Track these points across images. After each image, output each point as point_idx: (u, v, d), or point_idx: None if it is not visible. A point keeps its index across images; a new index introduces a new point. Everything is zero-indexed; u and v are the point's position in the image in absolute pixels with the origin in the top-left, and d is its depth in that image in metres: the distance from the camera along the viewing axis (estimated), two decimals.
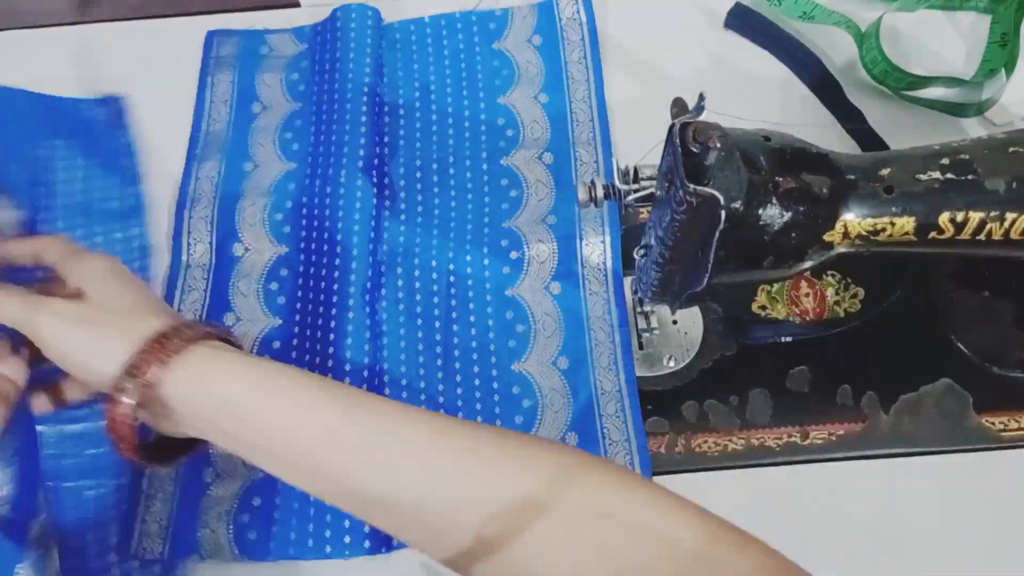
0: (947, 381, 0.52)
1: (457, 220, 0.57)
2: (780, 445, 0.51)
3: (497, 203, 0.57)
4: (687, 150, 0.36)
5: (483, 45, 0.62)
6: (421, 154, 0.59)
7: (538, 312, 0.54)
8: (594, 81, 0.60)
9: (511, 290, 0.54)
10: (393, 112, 0.60)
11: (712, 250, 0.38)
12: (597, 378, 0.52)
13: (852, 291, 0.55)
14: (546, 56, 0.61)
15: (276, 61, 0.62)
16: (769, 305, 0.55)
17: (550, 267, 0.55)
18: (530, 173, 0.58)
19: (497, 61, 0.61)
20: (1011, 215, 0.39)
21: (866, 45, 0.59)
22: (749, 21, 0.62)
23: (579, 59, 0.61)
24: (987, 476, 0.51)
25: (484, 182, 0.58)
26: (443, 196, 0.57)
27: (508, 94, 0.60)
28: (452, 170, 0.58)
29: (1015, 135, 0.41)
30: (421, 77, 0.61)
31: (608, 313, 0.54)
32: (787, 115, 0.60)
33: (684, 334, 0.54)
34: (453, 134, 0.59)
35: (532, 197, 0.57)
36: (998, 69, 0.60)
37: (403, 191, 0.58)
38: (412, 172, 0.58)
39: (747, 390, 0.52)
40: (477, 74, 0.61)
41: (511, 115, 0.60)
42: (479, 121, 0.60)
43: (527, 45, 0.62)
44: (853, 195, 0.40)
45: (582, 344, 0.53)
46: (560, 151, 0.58)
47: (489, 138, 0.59)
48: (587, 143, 0.58)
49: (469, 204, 0.57)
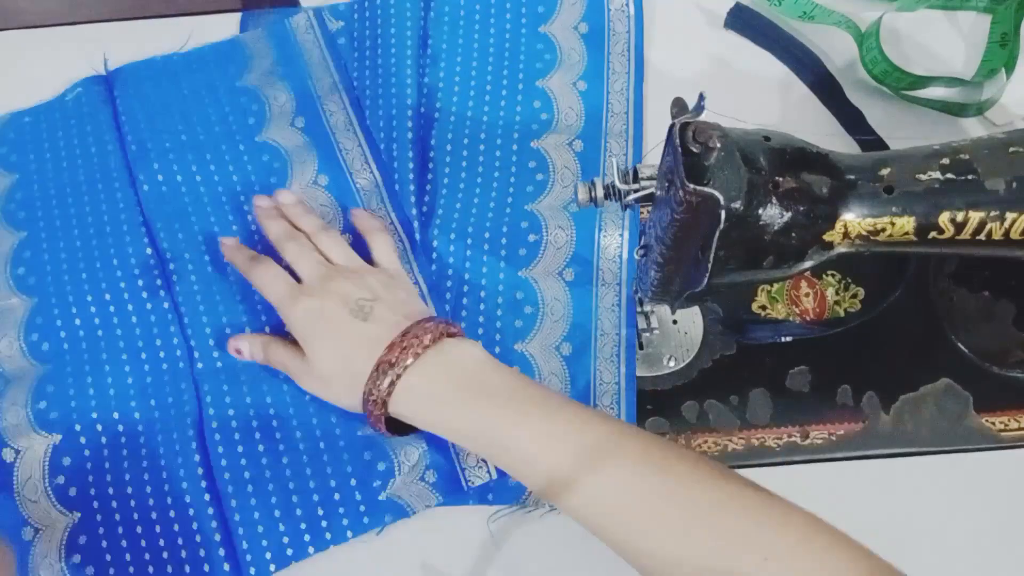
0: (947, 381, 0.52)
1: (481, 196, 0.57)
2: (780, 445, 0.51)
3: (522, 184, 0.57)
4: (687, 150, 0.36)
5: (530, 27, 0.62)
6: (455, 128, 0.59)
7: (548, 296, 0.54)
8: (634, 75, 0.61)
9: (524, 271, 0.54)
10: (432, 84, 0.60)
11: (712, 250, 0.38)
12: (597, 368, 0.52)
13: (852, 291, 0.55)
14: (590, 44, 0.62)
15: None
16: (769, 305, 0.55)
17: (566, 253, 0.55)
18: (559, 158, 0.58)
19: (541, 44, 0.61)
20: (1011, 215, 0.39)
21: (866, 45, 0.59)
22: (749, 21, 0.62)
23: (622, 51, 0.61)
24: (987, 476, 0.51)
25: (513, 162, 0.58)
26: (470, 172, 0.58)
27: (547, 78, 0.60)
28: (483, 147, 0.58)
29: (1015, 135, 0.41)
30: (464, 52, 0.61)
31: (617, 305, 0.54)
32: (787, 115, 0.60)
33: (684, 334, 0.54)
34: (489, 112, 0.59)
35: (558, 183, 0.57)
36: (998, 69, 0.60)
37: (432, 163, 0.58)
38: (443, 145, 0.58)
39: (747, 390, 0.52)
40: (520, 55, 0.61)
41: (547, 99, 0.60)
42: (515, 101, 0.60)
43: (573, 32, 0.62)
44: (853, 195, 0.40)
45: (587, 333, 0.53)
46: (591, 140, 0.58)
47: (523, 119, 0.59)
48: (619, 135, 0.59)
49: (495, 182, 0.57)
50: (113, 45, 0.63)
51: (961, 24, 0.63)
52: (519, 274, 0.54)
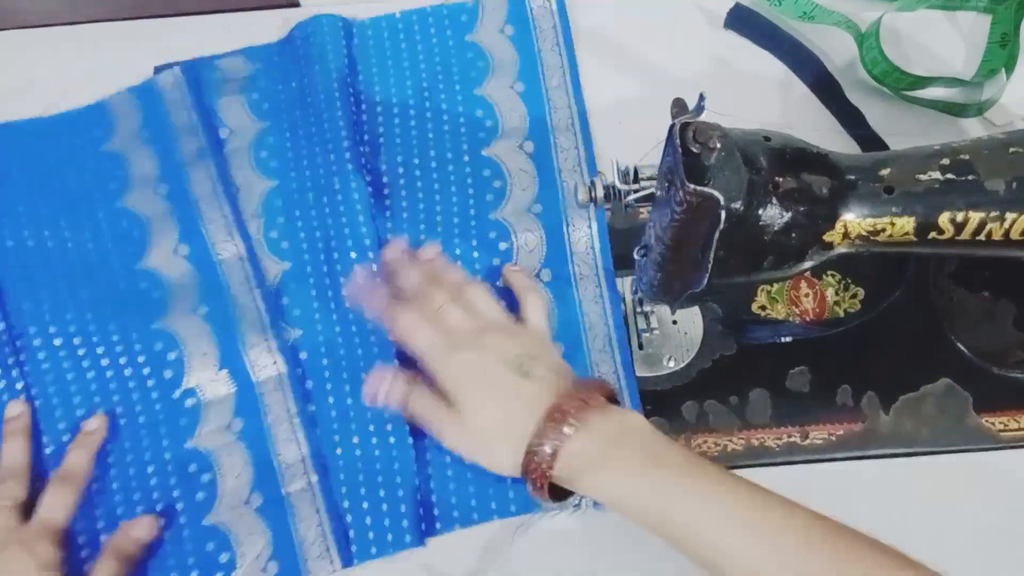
0: (947, 381, 0.52)
1: (443, 215, 0.57)
2: (780, 445, 0.51)
3: (481, 195, 0.57)
4: (687, 150, 0.36)
5: (456, 38, 0.62)
6: (402, 151, 0.59)
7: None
8: (568, 68, 0.61)
9: (501, 281, 0.54)
10: (371, 110, 0.60)
11: (712, 250, 0.38)
12: (593, 360, 0.53)
13: (852, 291, 0.55)
14: (519, 45, 0.62)
15: (232, 85, 0.61)
16: (769, 305, 0.55)
17: (539, 255, 0.55)
18: (512, 163, 0.58)
19: (471, 53, 0.61)
20: (1011, 215, 0.39)
21: (866, 45, 0.59)
22: (749, 21, 0.62)
23: (552, 47, 0.61)
24: (987, 476, 0.51)
25: (467, 174, 0.58)
26: (427, 191, 0.57)
27: (484, 85, 0.60)
28: (434, 164, 0.58)
29: (1015, 135, 0.41)
30: (396, 73, 0.61)
31: (600, 296, 0.54)
32: (787, 115, 0.60)
33: (684, 334, 0.54)
34: (432, 128, 0.59)
35: (516, 187, 0.57)
36: (998, 69, 0.60)
37: (387, 188, 0.58)
38: (394, 169, 0.58)
39: (747, 390, 0.52)
40: (452, 67, 0.61)
41: (488, 106, 0.60)
42: (457, 114, 0.60)
43: (500, 35, 0.62)
44: (853, 195, 0.40)
45: (576, 328, 0.53)
46: (540, 139, 0.59)
47: (468, 130, 0.59)
48: (566, 129, 0.59)
49: (454, 198, 0.57)
50: (113, 45, 0.63)
51: (961, 24, 0.63)
52: (497, 284, 0.54)
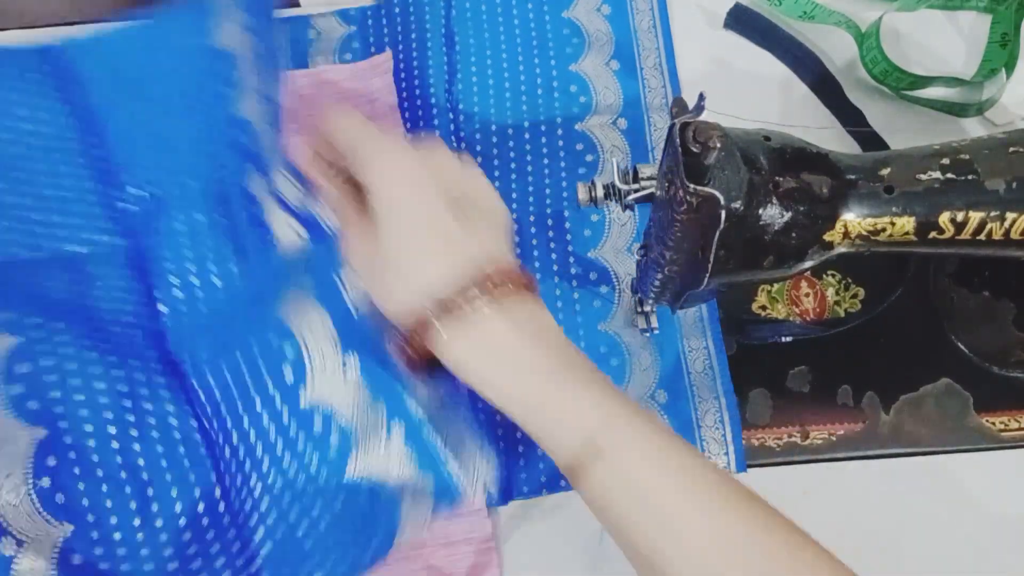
0: (947, 381, 0.52)
1: (535, 184, 0.58)
2: (780, 445, 0.51)
3: (573, 168, 0.58)
4: (687, 150, 0.36)
5: (553, 14, 0.63)
6: (496, 121, 0.59)
7: (621, 272, 0.55)
8: (664, 49, 0.61)
9: (594, 252, 0.55)
10: (466, 81, 0.61)
11: (712, 250, 0.38)
12: (683, 335, 0.53)
13: (852, 291, 0.55)
14: (615, 24, 0.62)
15: (326, 44, 0.62)
16: (769, 305, 0.55)
17: (631, 229, 0.56)
18: (605, 139, 0.59)
19: (567, 29, 0.62)
20: (1011, 215, 0.39)
21: (866, 45, 0.59)
22: (749, 21, 0.62)
23: (648, 28, 0.62)
24: (987, 476, 0.51)
25: (559, 147, 0.59)
26: (519, 162, 0.58)
27: (579, 62, 0.61)
28: (527, 135, 0.59)
29: (1015, 135, 0.41)
30: (492, 46, 0.62)
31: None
32: (787, 115, 0.60)
33: None
34: (527, 101, 0.60)
35: (608, 163, 0.58)
36: (998, 69, 0.60)
37: (479, 158, 0.58)
38: (488, 138, 0.59)
39: (747, 390, 0.52)
40: (548, 43, 0.62)
41: (583, 82, 0.61)
42: (551, 88, 0.60)
43: (596, 14, 0.63)
44: (853, 195, 0.40)
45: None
46: (634, 118, 0.59)
47: (562, 104, 0.60)
48: (660, 108, 0.60)
49: (546, 169, 0.58)
50: None
51: (961, 24, 0.63)
52: (588, 256, 0.55)
